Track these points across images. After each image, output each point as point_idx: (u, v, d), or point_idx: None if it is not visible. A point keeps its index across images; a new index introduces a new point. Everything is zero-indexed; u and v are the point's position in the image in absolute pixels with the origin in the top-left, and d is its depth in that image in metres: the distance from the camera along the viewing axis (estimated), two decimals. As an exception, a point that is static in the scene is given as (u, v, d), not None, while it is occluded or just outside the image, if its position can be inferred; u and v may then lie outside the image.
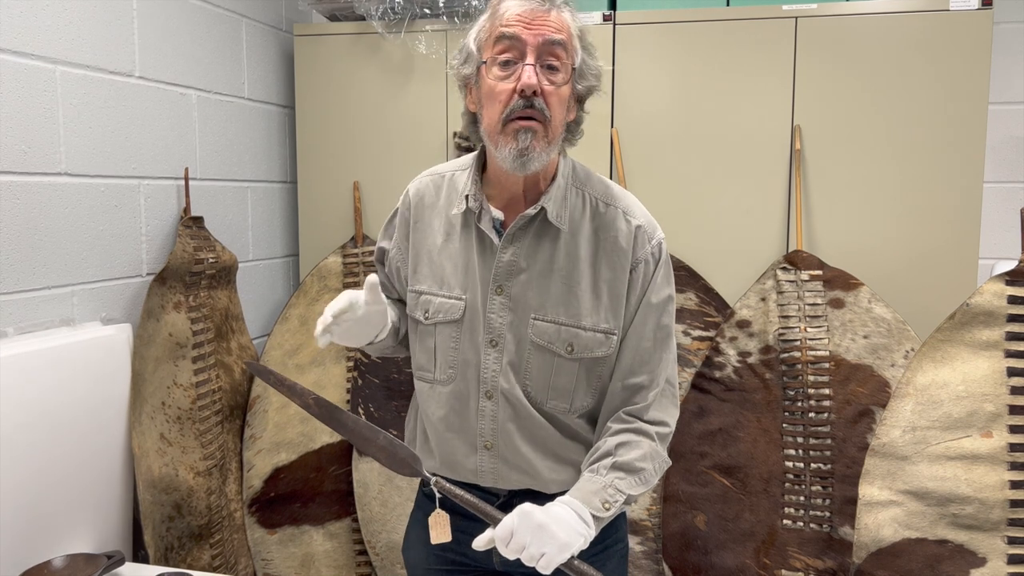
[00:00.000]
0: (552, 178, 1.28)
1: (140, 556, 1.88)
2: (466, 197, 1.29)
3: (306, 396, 1.28)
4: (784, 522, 2.03)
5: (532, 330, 1.27)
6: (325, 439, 2.30)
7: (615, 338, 1.27)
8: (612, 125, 2.22)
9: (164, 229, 2.03)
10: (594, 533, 1.16)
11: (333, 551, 2.32)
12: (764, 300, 2.09)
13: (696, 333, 2.16)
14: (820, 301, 2.05)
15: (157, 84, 1.99)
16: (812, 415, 2.02)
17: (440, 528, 1.26)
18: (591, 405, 1.30)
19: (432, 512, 1.26)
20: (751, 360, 2.08)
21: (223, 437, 2.15)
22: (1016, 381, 1.77)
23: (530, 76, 1.17)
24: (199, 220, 2.08)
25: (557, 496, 1.23)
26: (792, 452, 2.03)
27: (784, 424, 2.04)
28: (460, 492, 1.20)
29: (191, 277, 2.00)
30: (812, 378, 2.03)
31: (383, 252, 1.47)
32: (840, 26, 2.07)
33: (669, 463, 1.30)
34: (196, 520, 2.00)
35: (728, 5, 2.18)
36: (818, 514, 2.01)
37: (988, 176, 2.43)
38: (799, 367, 2.04)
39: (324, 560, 2.31)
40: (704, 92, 2.16)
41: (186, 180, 2.07)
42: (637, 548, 2.13)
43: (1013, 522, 1.74)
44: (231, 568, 2.15)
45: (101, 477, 1.75)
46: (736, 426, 2.07)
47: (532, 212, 1.25)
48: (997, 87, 2.44)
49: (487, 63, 1.21)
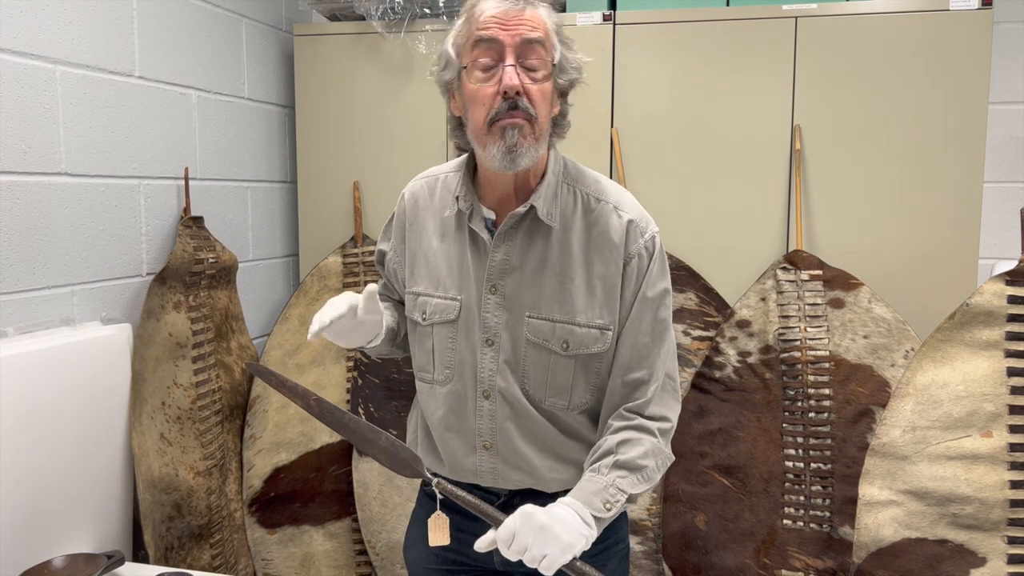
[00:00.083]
0: (542, 175, 1.28)
1: (140, 556, 1.88)
2: (456, 198, 1.29)
3: (307, 397, 1.28)
4: (784, 522, 2.03)
5: (527, 328, 1.27)
6: (325, 439, 2.30)
7: (610, 334, 1.27)
8: (612, 125, 2.22)
9: (164, 229, 2.03)
10: (596, 534, 1.16)
11: (333, 551, 2.32)
12: (764, 300, 2.09)
13: (696, 333, 2.16)
14: (820, 301, 2.05)
15: (157, 84, 1.99)
16: (812, 415, 2.02)
17: (439, 531, 1.26)
18: (590, 401, 1.30)
19: (433, 513, 1.26)
20: (751, 360, 2.08)
21: (223, 437, 2.15)
22: (1016, 381, 1.77)
23: (511, 77, 1.17)
24: (199, 220, 2.08)
25: (558, 495, 1.22)
26: (792, 452, 2.03)
27: (784, 424, 2.05)
28: (461, 493, 1.20)
29: (191, 277, 2.00)
30: (812, 378, 2.03)
31: (382, 255, 1.48)
32: (840, 26, 2.07)
33: (672, 459, 1.29)
34: (196, 520, 2.00)
35: (728, 5, 2.18)
36: (818, 514, 2.01)
37: (988, 176, 2.43)
38: (799, 367, 2.04)
39: (324, 560, 2.31)
40: (704, 92, 2.16)
41: (186, 180, 2.07)
42: (637, 548, 2.13)
43: (1013, 522, 1.74)
44: (231, 568, 2.15)
45: (101, 477, 1.75)
46: (736, 426, 2.07)
47: (522, 210, 1.25)
48: (997, 87, 2.45)
49: (467, 68, 1.21)
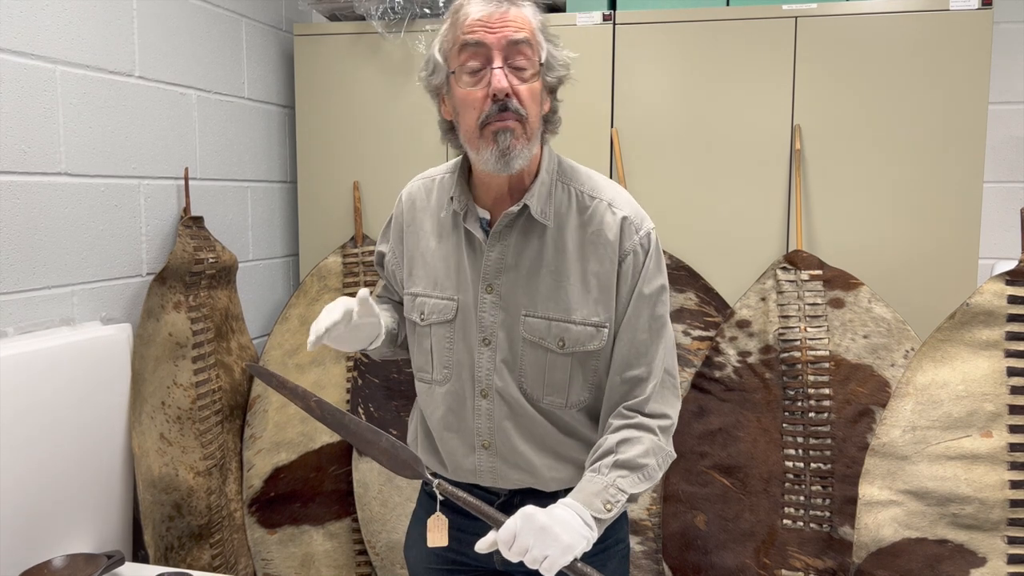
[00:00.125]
0: (535, 174, 1.28)
1: (140, 556, 1.88)
2: (451, 199, 1.30)
3: (308, 399, 1.28)
4: (784, 522, 2.03)
5: (523, 327, 1.27)
6: (325, 439, 2.30)
7: (606, 331, 1.26)
8: (612, 125, 2.22)
9: (164, 229, 2.03)
10: (597, 535, 1.16)
11: (333, 551, 2.32)
12: (764, 300, 2.09)
13: (696, 333, 2.16)
14: (820, 301, 2.05)
15: (157, 84, 1.99)
16: (812, 415, 2.03)
17: (438, 532, 1.26)
18: (588, 399, 1.30)
19: (433, 513, 1.26)
20: (751, 360, 2.08)
21: (223, 437, 2.15)
22: (1016, 381, 1.77)
23: (500, 80, 1.17)
24: (199, 220, 2.08)
25: (557, 495, 1.23)
26: (792, 452, 2.03)
27: (784, 424, 2.05)
28: (462, 494, 1.20)
29: (191, 277, 2.00)
30: (812, 378, 2.03)
31: (381, 256, 1.49)
32: (840, 26, 2.07)
33: (673, 456, 1.28)
34: (196, 520, 2.00)
35: (728, 5, 2.18)
36: (818, 514, 2.01)
37: (988, 176, 2.43)
38: (799, 367, 2.04)
39: (324, 560, 2.31)
40: (704, 92, 2.16)
41: (186, 180, 2.07)
42: (637, 548, 2.13)
43: (1013, 522, 1.74)
44: (231, 568, 2.15)
45: (101, 477, 1.75)
46: (736, 426, 2.07)
47: (515, 210, 1.25)
48: (997, 87, 2.45)
49: (455, 72, 1.21)
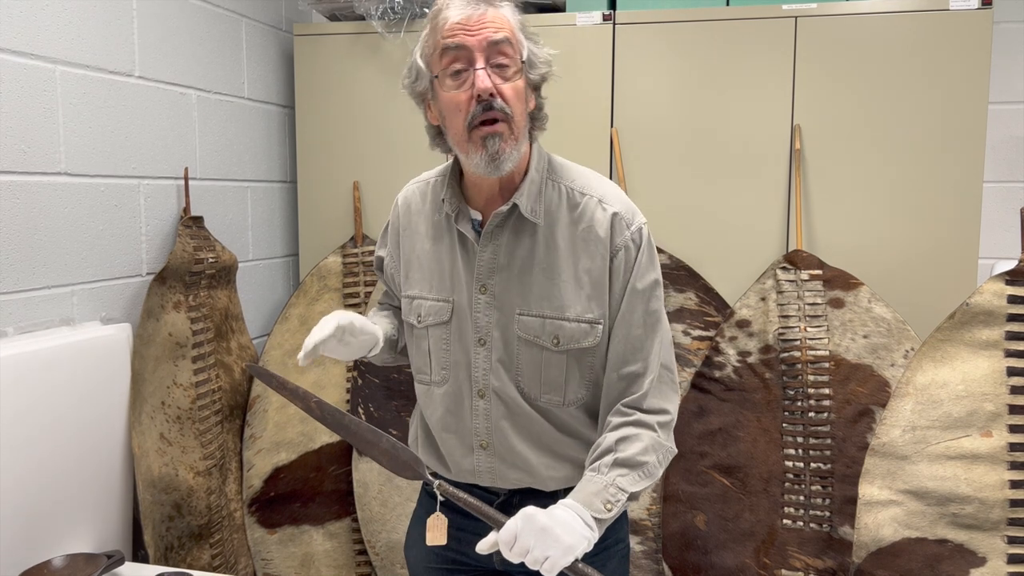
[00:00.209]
0: (524, 172, 1.29)
1: (140, 556, 1.88)
2: (442, 201, 1.31)
3: (308, 399, 1.28)
4: (784, 522, 2.03)
5: (518, 326, 1.27)
6: (325, 439, 2.30)
7: (600, 327, 1.26)
8: (612, 125, 2.22)
9: (164, 229, 2.03)
10: (597, 535, 1.16)
11: (333, 551, 2.32)
12: (764, 300, 2.09)
13: (696, 333, 2.16)
14: (820, 301, 2.05)
15: (157, 84, 1.99)
16: (812, 415, 2.03)
17: (437, 530, 1.26)
18: (585, 397, 1.30)
19: (433, 513, 1.26)
20: (751, 360, 2.08)
21: (223, 437, 2.15)
22: (1016, 381, 1.77)
23: (483, 80, 1.17)
24: (199, 220, 2.08)
25: (557, 494, 1.23)
26: (792, 452, 2.03)
27: (784, 424, 2.05)
28: (463, 495, 1.20)
29: (191, 277, 2.00)
30: (812, 378, 2.03)
31: (380, 261, 1.50)
32: (840, 26, 2.07)
33: (674, 452, 1.28)
34: (196, 520, 2.00)
35: (728, 5, 2.18)
36: (818, 514, 2.01)
37: (988, 176, 2.43)
38: (799, 367, 2.04)
39: (324, 560, 2.31)
40: (704, 92, 2.16)
41: (186, 180, 2.07)
42: (637, 548, 2.13)
43: (1013, 522, 1.74)
44: (231, 568, 2.15)
45: (101, 477, 1.75)
46: (736, 426, 2.07)
47: (505, 209, 1.26)
48: (997, 87, 2.45)
49: (439, 77, 1.22)
